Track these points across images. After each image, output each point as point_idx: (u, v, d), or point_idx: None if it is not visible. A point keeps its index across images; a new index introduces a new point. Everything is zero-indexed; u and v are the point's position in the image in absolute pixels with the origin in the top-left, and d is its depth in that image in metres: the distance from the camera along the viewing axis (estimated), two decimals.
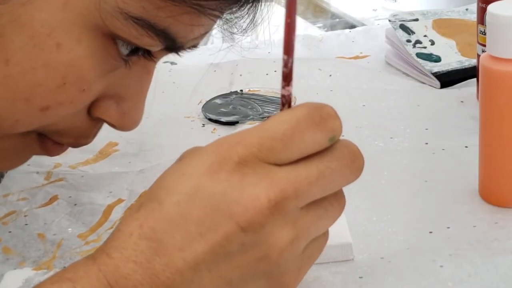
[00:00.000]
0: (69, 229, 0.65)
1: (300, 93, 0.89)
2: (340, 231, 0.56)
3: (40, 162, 0.77)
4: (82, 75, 0.50)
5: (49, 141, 0.55)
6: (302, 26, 1.33)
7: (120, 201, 0.69)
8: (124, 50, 0.51)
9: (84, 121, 0.54)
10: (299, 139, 0.43)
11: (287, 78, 0.44)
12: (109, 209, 0.68)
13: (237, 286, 0.43)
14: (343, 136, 0.77)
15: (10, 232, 0.65)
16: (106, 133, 0.83)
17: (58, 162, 0.77)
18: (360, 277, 0.54)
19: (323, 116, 0.44)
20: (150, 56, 0.53)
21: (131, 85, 0.54)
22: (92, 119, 0.55)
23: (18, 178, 0.74)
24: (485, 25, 0.67)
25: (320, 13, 1.40)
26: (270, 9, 0.55)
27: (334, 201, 0.45)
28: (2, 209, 0.69)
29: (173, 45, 0.51)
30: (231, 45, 0.66)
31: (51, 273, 0.58)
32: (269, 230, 0.42)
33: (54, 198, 0.70)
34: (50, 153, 0.57)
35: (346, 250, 0.57)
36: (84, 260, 0.44)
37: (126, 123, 0.55)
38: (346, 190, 0.46)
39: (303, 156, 0.43)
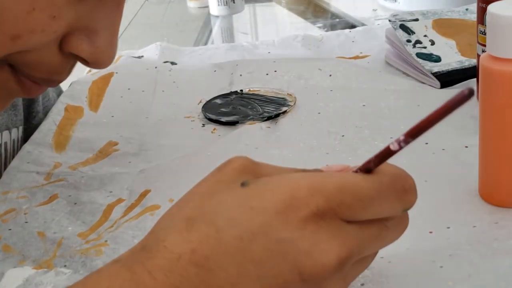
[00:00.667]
0: (69, 227, 0.65)
1: (300, 93, 0.89)
2: None
3: (40, 162, 0.77)
4: (51, 0, 0.49)
5: (27, 80, 0.55)
6: (302, 26, 1.34)
7: (120, 201, 0.69)
8: None
9: (56, 56, 0.54)
10: (378, 204, 0.43)
11: (385, 157, 0.44)
12: (109, 208, 0.68)
13: None
14: (343, 135, 0.77)
15: (10, 229, 0.65)
16: (106, 133, 0.83)
17: (58, 162, 0.77)
18: (362, 284, 0.54)
19: (406, 187, 0.45)
20: None
21: (101, 19, 0.53)
22: (65, 55, 0.54)
23: (18, 176, 0.74)
24: (485, 25, 0.67)
25: (320, 13, 1.40)
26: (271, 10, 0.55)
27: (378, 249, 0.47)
28: (1, 206, 0.69)
29: None
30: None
31: (52, 272, 0.58)
32: (327, 284, 0.42)
33: (54, 197, 0.70)
34: (29, 92, 0.56)
35: None
36: (118, 272, 0.41)
37: (98, 58, 0.55)
38: None
39: (373, 218, 0.44)
